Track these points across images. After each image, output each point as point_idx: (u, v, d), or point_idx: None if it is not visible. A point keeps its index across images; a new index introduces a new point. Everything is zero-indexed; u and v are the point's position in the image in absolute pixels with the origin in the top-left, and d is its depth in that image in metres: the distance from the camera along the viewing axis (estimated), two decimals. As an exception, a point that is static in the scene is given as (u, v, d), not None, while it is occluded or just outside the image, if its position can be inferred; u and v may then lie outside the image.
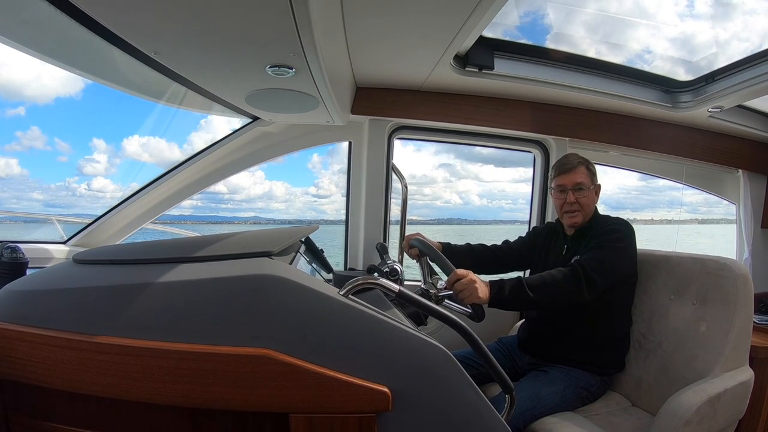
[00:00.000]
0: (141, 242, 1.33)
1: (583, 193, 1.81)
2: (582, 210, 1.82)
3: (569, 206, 1.83)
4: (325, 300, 0.92)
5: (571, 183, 1.83)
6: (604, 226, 1.77)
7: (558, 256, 1.90)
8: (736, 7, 2.12)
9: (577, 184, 1.82)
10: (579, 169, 1.84)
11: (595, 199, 1.87)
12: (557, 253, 1.92)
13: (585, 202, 1.82)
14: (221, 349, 0.85)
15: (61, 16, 1.23)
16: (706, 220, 51.82)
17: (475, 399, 0.96)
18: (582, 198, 1.81)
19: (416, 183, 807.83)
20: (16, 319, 0.92)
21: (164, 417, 0.90)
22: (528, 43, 2.14)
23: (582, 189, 1.81)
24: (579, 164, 1.85)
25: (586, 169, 1.85)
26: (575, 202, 1.81)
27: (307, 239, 1.82)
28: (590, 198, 1.83)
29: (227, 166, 2.51)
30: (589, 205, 1.83)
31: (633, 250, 1.75)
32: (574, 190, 1.82)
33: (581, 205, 1.81)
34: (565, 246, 1.90)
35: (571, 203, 1.82)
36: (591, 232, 1.81)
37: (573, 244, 1.86)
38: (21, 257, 1.61)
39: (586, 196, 1.82)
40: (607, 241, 1.68)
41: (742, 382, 1.53)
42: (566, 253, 1.87)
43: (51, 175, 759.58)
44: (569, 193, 1.82)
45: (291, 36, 1.22)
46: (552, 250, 1.96)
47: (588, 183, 1.83)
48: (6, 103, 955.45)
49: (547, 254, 1.97)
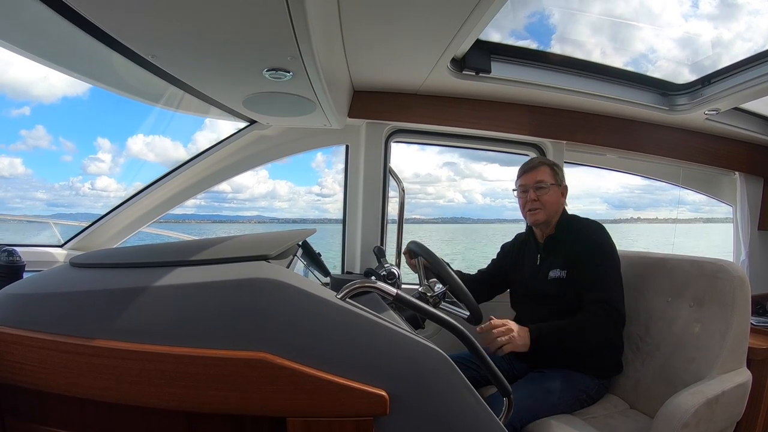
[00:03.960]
0: (138, 246, 1.33)
1: (544, 191, 1.81)
2: (544, 208, 1.81)
3: (531, 204, 1.83)
4: (323, 303, 0.92)
5: (532, 181, 1.83)
6: (581, 237, 1.75)
7: (533, 268, 1.88)
8: (741, 8, 2.14)
9: (538, 182, 1.82)
10: (541, 168, 1.85)
11: (561, 199, 1.86)
12: (531, 264, 1.90)
13: (546, 200, 1.81)
14: (218, 352, 0.85)
15: (60, 19, 1.23)
16: (711, 219, 52.00)
17: (472, 402, 0.96)
18: (543, 195, 1.81)
19: (420, 182, 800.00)
20: (12, 323, 0.91)
21: (161, 421, 0.90)
22: (525, 47, 2.14)
23: (543, 187, 1.81)
24: (541, 164, 1.87)
25: (550, 169, 1.86)
26: (536, 199, 1.81)
27: (305, 243, 1.82)
28: (552, 196, 1.82)
29: (225, 170, 2.52)
30: (552, 203, 1.82)
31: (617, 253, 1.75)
32: (535, 189, 1.82)
33: (542, 202, 1.81)
34: (538, 256, 1.88)
35: (532, 200, 1.82)
36: (565, 241, 1.79)
37: (547, 254, 1.84)
38: (18, 261, 1.61)
39: (547, 193, 1.81)
40: (602, 260, 1.69)
41: (739, 384, 1.53)
42: (541, 263, 1.85)
43: (55, 174, 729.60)
44: (530, 191, 1.83)
45: (288, 40, 1.23)
46: (526, 262, 1.94)
47: (550, 181, 1.82)
48: (12, 102, 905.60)
49: (522, 266, 1.95)
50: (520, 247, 2.03)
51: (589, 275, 1.67)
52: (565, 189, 1.88)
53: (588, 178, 56.83)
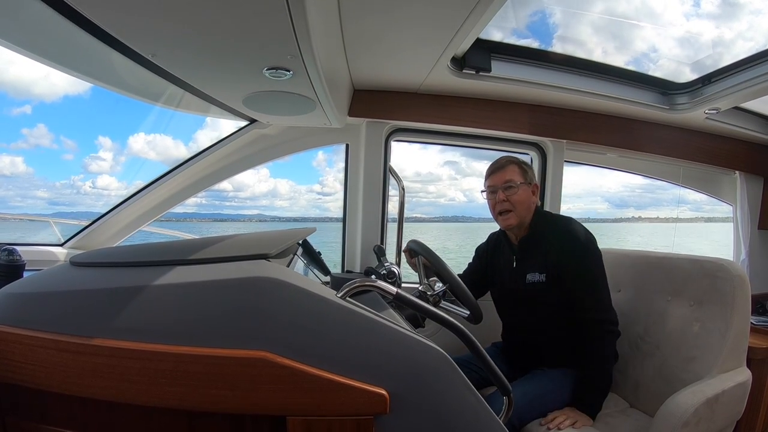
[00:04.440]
0: (138, 245, 1.33)
1: (514, 190, 1.75)
2: (515, 209, 1.75)
3: (501, 205, 1.77)
4: (323, 302, 0.92)
5: (501, 181, 1.77)
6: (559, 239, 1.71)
7: (509, 269, 1.84)
8: (743, 7, 2.14)
9: (507, 182, 1.76)
10: (509, 168, 1.79)
11: (532, 198, 1.79)
12: (507, 267, 1.86)
13: (516, 200, 1.75)
14: (218, 351, 0.85)
15: (60, 18, 1.23)
16: (712, 219, 51.80)
17: (473, 401, 0.96)
18: (513, 196, 1.75)
19: (421, 180, 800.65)
20: (12, 322, 0.91)
21: (161, 420, 0.90)
22: (525, 46, 2.14)
23: (512, 186, 1.75)
24: (509, 163, 1.80)
25: (519, 167, 1.79)
26: (506, 200, 1.75)
27: (305, 241, 1.82)
28: (522, 196, 1.76)
29: (225, 169, 2.51)
30: (522, 203, 1.76)
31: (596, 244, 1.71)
32: (504, 189, 1.76)
33: (512, 203, 1.75)
34: (514, 257, 1.83)
35: (501, 201, 1.76)
36: (540, 241, 1.75)
37: (522, 256, 1.79)
38: (18, 260, 1.61)
39: (517, 193, 1.75)
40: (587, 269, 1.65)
41: (739, 383, 1.53)
42: (517, 265, 1.81)
43: (56, 173, 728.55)
44: (499, 191, 1.77)
45: (288, 39, 1.22)
46: (502, 263, 1.90)
47: (519, 180, 1.76)
48: (13, 101, 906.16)
49: (499, 268, 1.91)
50: (495, 247, 1.99)
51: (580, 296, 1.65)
52: (536, 187, 1.82)
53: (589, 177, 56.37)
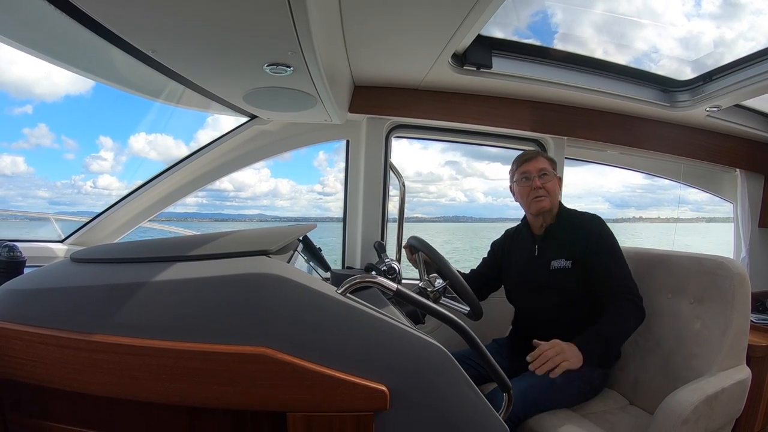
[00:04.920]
0: (138, 241, 1.33)
1: (549, 178, 1.81)
2: (548, 195, 1.80)
3: (536, 192, 1.81)
4: (323, 298, 0.92)
5: (536, 169, 1.82)
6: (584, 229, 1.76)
7: (530, 259, 1.87)
8: (744, 7, 2.14)
9: (542, 170, 1.82)
10: (540, 158, 1.85)
11: (559, 191, 1.87)
12: (527, 256, 1.89)
13: (551, 188, 1.81)
14: (219, 347, 0.85)
15: (59, 14, 1.22)
16: (713, 219, 51.61)
17: (472, 397, 0.96)
18: (548, 183, 1.81)
19: (422, 180, 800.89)
20: (13, 318, 0.91)
21: (162, 415, 0.90)
22: (526, 42, 2.13)
23: (547, 174, 1.82)
24: (539, 155, 1.88)
25: (547, 160, 1.87)
26: (542, 187, 1.80)
27: (305, 238, 1.82)
28: (555, 186, 1.83)
29: (225, 165, 2.51)
30: (555, 192, 1.83)
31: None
32: (540, 176, 1.81)
33: (548, 190, 1.80)
34: (535, 246, 1.86)
35: (537, 188, 1.80)
36: (566, 231, 1.79)
37: (545, 244, 1.83)
38: (18, 256, 1.61)
39: (552, 181, 1.82)
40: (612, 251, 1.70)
41: (739, 381, 1.53)
42: (539, 253, 1.84)
43: (57, 172, 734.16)
44: (535, 179, 1.81)
45: (289, 34, 1.22)
46: (520, 255, 1.93)
47: (551, 170, 1.84)
48: (14, 100, 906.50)
49: (516, 259, 1.95)
50: (511, 241, 2.03)
51: (604, 267, 1.67)
52: (560, 180, 1.89)
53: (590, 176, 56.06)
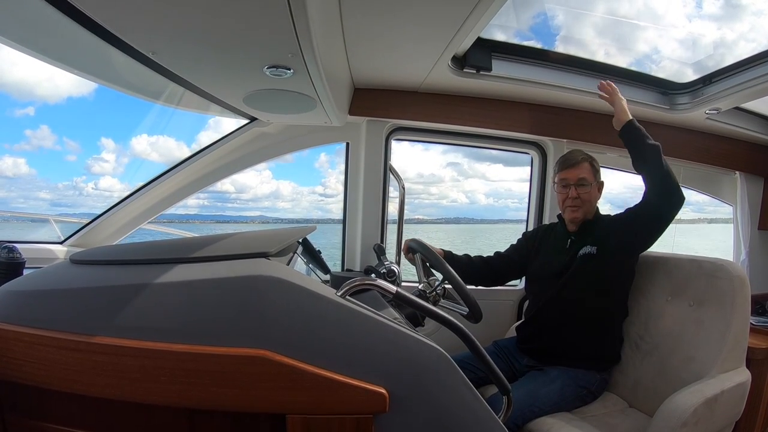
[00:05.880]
0: (138, 243, 1.33)
1: (586, 189, 1.83)
2: (583, 206, 1.83)
3: (571, 201, 1.84)
4: (323, 301, 0.92)
5: (575, 178, 1.84)
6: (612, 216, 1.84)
7: (561, 251, 1.89)
8: (745, 8, 2.14)
9: (581, 180, 1.83)
10: (583, 165, 1.85)
11: (598, 195, 1.88)
12: (559, 247, 1.91)
13: (586, 198, 1.83)
14: (218, 350, 0.85)
15: (60, 16, 1.23)
16: (714, 220, 51.46)
17: (472, 400, 0.96)
18: (584, 193, 1.83)
19: (423, 182, 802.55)
20: (12, 320, 0.91)
21: (161, 417, 0.90)
22: (526, 45, 2.14)
23: (584, 185, 1.83)
24: (583, 160, 1.87)
25: (590, 165, 1.87)
26: (577, 197, 1.82)
27: (305, 240, 1.82)
28: (592, 194, 1.85)
29: (225, 167, 2.51)
30: (591, 202, 1.84)
31: None
32: (577, 186, 1.83)
33: (582, 200, 1.83)
34: (569, 240, 1.89)
35: (573, 198, 1.83)
36: (597, 224, 1.83)
37: (579, 237, 1.86)
38: (18, 257, 1.61)
39: (588, 192, 1.83)
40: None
41: (739, 384, 1.53)
42: (570, 245, 1.87)
43: (59, 174, 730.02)
44: (572, 188, 1.83)
45: (289, 37, 1.22)
46: (552, 247, 1.96)
47: (591, 179, 1.84)
48: (16, 102, 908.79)
49: (546, 252, 1.97)
50: (544, 235, 2.05)
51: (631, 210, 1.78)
52: (601, 185, 1.90)
53: None
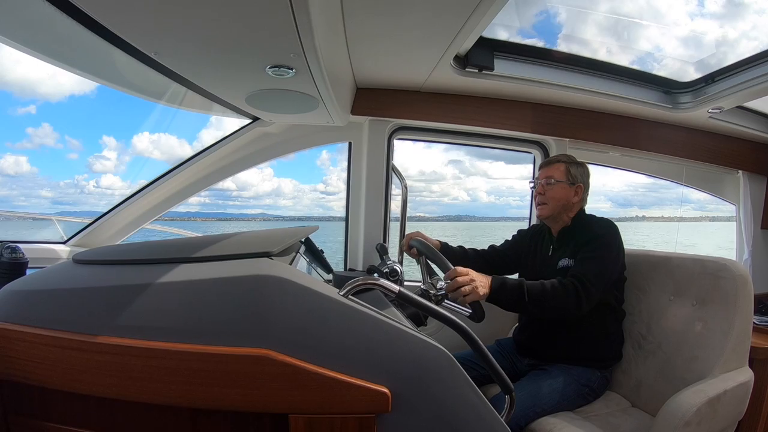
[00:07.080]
0: (141, 242, 1.33)
1: (550, 187, 1.86)
2: (548, 203, 1.87)
3: (538, 198, 1.91)
4: (325, 300, 0.92)
5: (543, 176, 1.90)
6: (590, 230, 1.77)
7: (545, 258, 1.92)
8: (747, 7, 2.13)
9: (548, 178, 1.88)
10: (556, 166, 1.90)
11: (572, 197, 1.86)
12: (544, 254, 1.94)
13: (551, 196, 1.86)
14: (221, 349, 0.85)
15: (62, 16, 1.23)
16: (716, 218, 51.29)
17: (474, 399, 0.96)
18: (549, 191, 1.87)
19: (425, 180, 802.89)
20: (15, 319, 0.92)
21: (164, 417, 0.90)
22: (528, 44, 2.13)
23: (550, 183, 1.87)
24: (558, 162, 1.91)
25: (565, 167, 1.89)
26: (542, 194, 1.88)
27: (307, 240, 1.82)
28: (558, 192, 1.85)
29: (227, 167, 2.52)
30: (557, 199, 1.85)
31: (621, 251, 1.77)
32: (544, 184, 1.88)
33: (547, 197, 1.87)
34: (551, 246, 1.92)
35: (538, 194, 1.90)
36: (576, 234, 1.82)
37: (559, 245, 1.88)
38: (21, 257, 1.61)
39: (552, 189, 1.86)
40: (597, 248, 1.69)
41: (741, 383, 1.53)
42: (552, 253, 1.89)
43: (60, 172, 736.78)
44: (539, 185, 1.90)
45: (291, 37, 1.22)
46: (539, 251, 1.98)
47: (560, 178, 1.86)
48: (18, 101, 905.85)
49: (535, 254, 1.99)
50: (536, 236, 2.06)
51: (580, 258, 1.70)
52: (579, 188, 1.88)
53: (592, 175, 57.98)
